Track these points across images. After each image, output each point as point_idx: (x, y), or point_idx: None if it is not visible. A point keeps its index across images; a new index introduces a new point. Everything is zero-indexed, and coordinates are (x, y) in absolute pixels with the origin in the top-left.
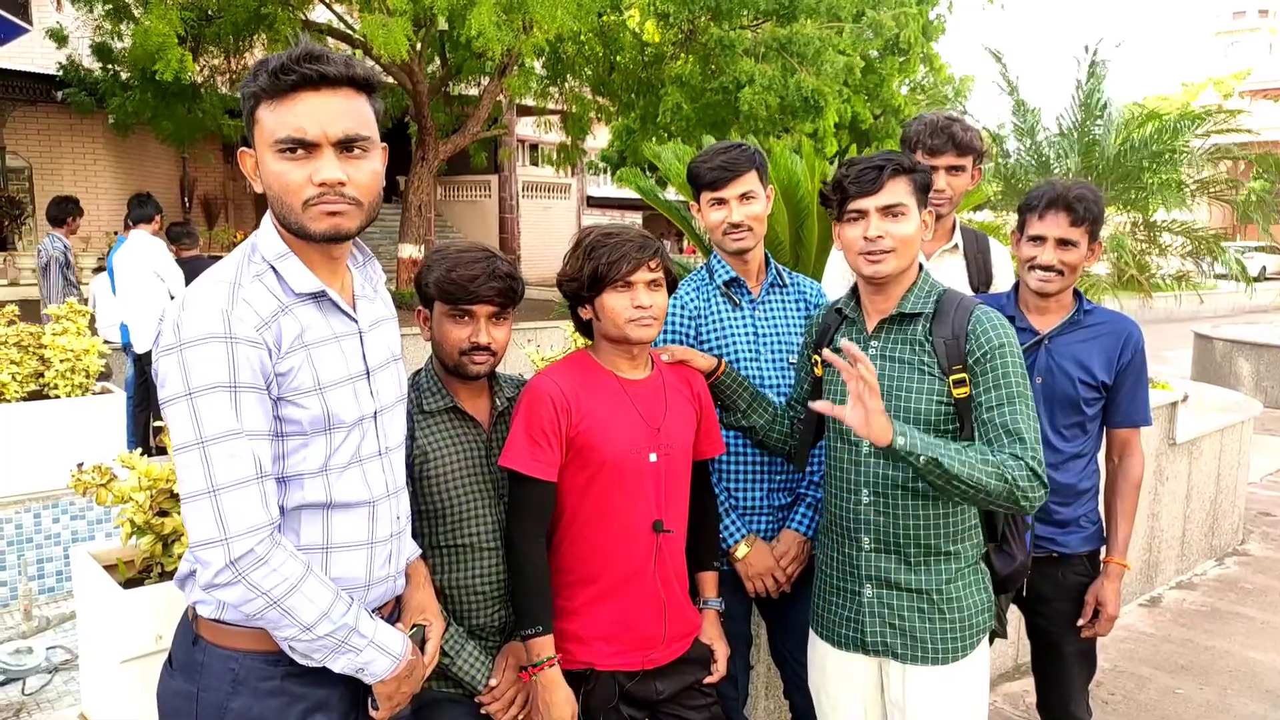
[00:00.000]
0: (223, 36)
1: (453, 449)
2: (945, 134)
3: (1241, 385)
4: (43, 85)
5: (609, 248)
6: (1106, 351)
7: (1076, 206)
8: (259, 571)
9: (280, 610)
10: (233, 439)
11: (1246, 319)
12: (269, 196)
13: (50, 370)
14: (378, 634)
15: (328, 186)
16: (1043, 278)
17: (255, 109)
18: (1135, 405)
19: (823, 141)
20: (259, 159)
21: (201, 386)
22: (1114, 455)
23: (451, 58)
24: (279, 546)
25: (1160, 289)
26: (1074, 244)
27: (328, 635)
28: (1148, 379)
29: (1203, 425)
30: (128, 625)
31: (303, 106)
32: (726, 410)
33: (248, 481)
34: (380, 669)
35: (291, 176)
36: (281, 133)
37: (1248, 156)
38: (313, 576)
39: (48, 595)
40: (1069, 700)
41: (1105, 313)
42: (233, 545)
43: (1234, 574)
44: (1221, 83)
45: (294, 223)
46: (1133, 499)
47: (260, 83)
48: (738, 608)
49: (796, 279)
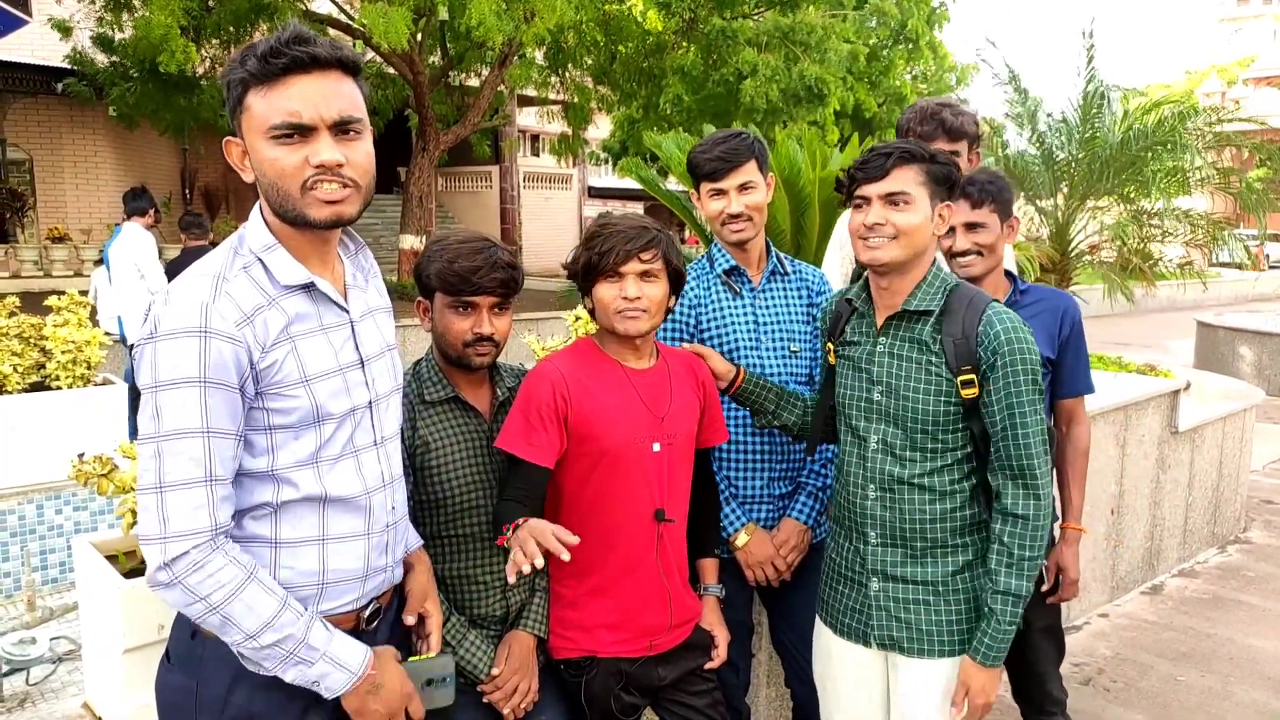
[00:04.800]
0: (223, 26)
1: (454, 439)
2: (934, 120)
3: (1244, 373)
4: (43, 77)
5: (603, 238)
6: (1047, 328)
7: (970, 190)
8: (195, 576)
9: (220, 616)
10: (190, 437)
11: (1249, 307)
12: (261, 185)
13: (51, 362)
14: (332, 646)
15: (326, 169)
16: (962, 263)
17: (243, 96)
18: (1077, 375)
19: (824, 130)
20: (249, 147)
21: (168, 381)
22: (1061, 424)
23: (452, 48)
24: (218, 552)
25: (1164, 277)
26: (982, 225)
27: (274, 645)
28: (1086, 349)
29: (1205, 413)
30: (130, 615)
31: (295, 90)
32: (757, 414)
33: (195, 483)
34: (336, 684)
35: (287, 161)
36: (276, 118)
37: (1252, 144)
38: (255, 584)
39: (51, 586)
40: (1044, 681)
41: (1041, 290)
42: (169, 546)
43: (1236, 562)
44: (1225, 70)
45: (291, 209)
46: (1082, 465)
47: (249, 68)
48: (739, 596)
49: (798, 267)
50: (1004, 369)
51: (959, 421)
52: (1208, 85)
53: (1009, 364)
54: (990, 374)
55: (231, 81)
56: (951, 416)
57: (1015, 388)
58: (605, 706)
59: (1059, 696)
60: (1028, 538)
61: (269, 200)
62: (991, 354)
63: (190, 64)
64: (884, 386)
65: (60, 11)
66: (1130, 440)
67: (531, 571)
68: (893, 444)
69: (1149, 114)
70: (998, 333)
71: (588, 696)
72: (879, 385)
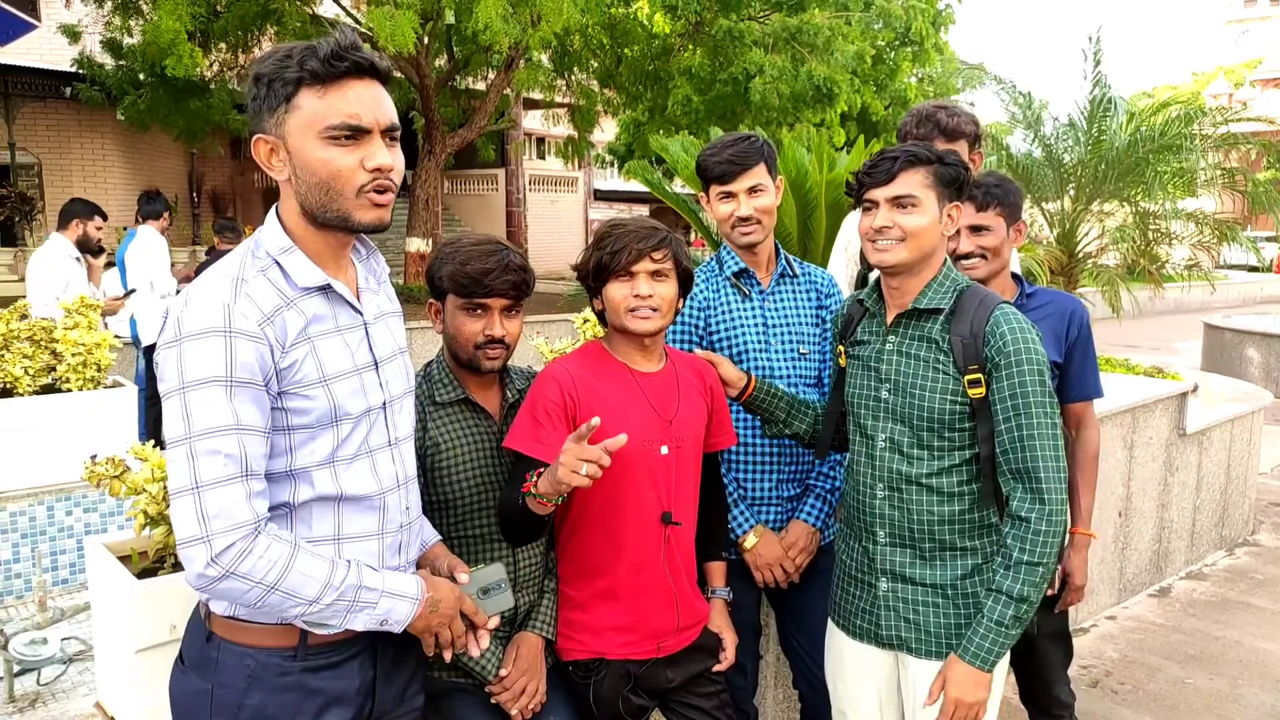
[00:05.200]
0: (230, 31)
1: (464, 440)
2: (930, 122)
3: (1251, 375)
4: (52, 82)
5: (614, 238)
6: (1054, 330)
7: (976, 194)
8: (246, 563)
9: (280, 594)
10: (221, 435)
11: (1257, 309)
12: (303, 184)
13: (62, 364)
14: (387, 583)
15: (381, 172)
16: (966, 265)
17: (294, 94)
18: (1086, 378)
19: (830, 132)
20: (293, 145)
21: (196, 380)
22: (1070, 428)
23: (458, 51)
24: (262, 535)
25: (1171, 279)
26: (987, 228)
27: (336, 600)
28: (1095, 352)
29: (1213, 416)
30: (143, 616)
31: (353, 94)
32: (768, 423)
33: (232, 480)
34: (403, 614)
35: (343, 162)
36: (335, 119)
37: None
38: (302, 553)
39: (61, 587)
40: (1051, 685)
41: (1048, 293)
42: (214, 542)
43: (1244, 564)
44: (1232, 72)
45: (335, 210)
46: (1092, 470)
47: (310, 67)
48: (747, 598)
49: (807, 269)
50: (1009, 369)
51: (966, 421)
52: (1214, 87)
53: (1014, 364)
54: (996, 374)
55: (282, 79)
56: (958, 415)
57: (1021, 388)
58: (613, 708)
59: (1066, 700)
60: (1027, 542)
61: (308, 199)
62: (997, 354)
63: (198, 69)
64: (892, 384)
65: (69, 16)
66: (1138, 443)
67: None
68: (900, 442)
69: (1156, 115)
70: (1004, 333)
71: (596, 698)
72: (887, 383)
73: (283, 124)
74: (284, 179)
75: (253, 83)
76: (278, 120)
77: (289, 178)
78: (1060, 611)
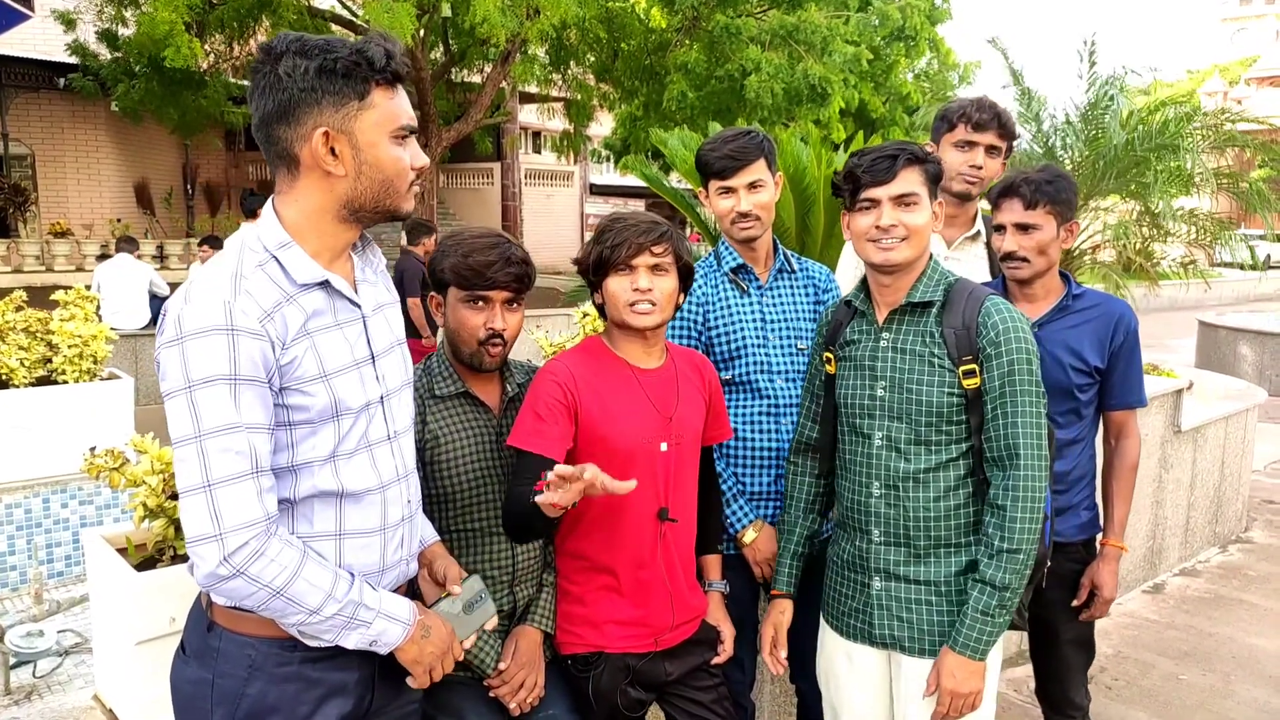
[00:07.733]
0: (226, 23)
1: (464, 434)
2: (993, 111)
3: (1245, 373)
4: (45, 72)
5: (614, 232)
6: (1098, 335)
7: (1024, 190)
8: (257, 564)
9: (284, 599)
10: (229, 433)
11: (1251, 307)
12: (366, 178)
13: (58, 356)
14: (383, 604)
15: (418, 171)
16: (1009, 265)
17: (368, 93)
18: (1129, 387)
19: (828, 129)
20: (364, 141)
21: (200, 379)
22: (1110, 438)
23: (455, 44)
24: (274, 537)
25: (1166, 277)
26: (1035, 227)
27: (335, 615)
28: (1141, 360)
29: (1207, 413)
30: (142, 608)
31: (402, 98)
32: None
33: (243, 477)
34: (392, 638)
35: (405, 161)
36: (403, 119)
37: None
38: (311, 560)
39: (57, 579)
40: (1067, 687)
41: (1096, 295)
42: (227, 540)
43: (1237, 561)
44: (1228, 70)
45: (390, 203)
46: (1129, 481)
47: (386, 71)
48: (745, 592)
49: (805, 264)
50: (1000, 357)
51: (962, 413)
52: (1210, 85)
53: (1004, 352)
54: (987, 363)
55: (353, 75)
56: (955, 408)
57: (1009, 375)
58: (612, 702)
59: (1080, 703)
60: (1004, 529)
61: (364, 193)
62: (989, 343)
63: (194, 60)
64: (887, 381)
65: (63, 4)
66: None
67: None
68: (897, 439)
69: (1154, 114)
70: (995, 322)
71: (594, 692)
72: (883, 380)
73: (353, 119)
74: (340, 172)
75: (315, 74)
76: (346, 115)
77: (344, 172)
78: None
